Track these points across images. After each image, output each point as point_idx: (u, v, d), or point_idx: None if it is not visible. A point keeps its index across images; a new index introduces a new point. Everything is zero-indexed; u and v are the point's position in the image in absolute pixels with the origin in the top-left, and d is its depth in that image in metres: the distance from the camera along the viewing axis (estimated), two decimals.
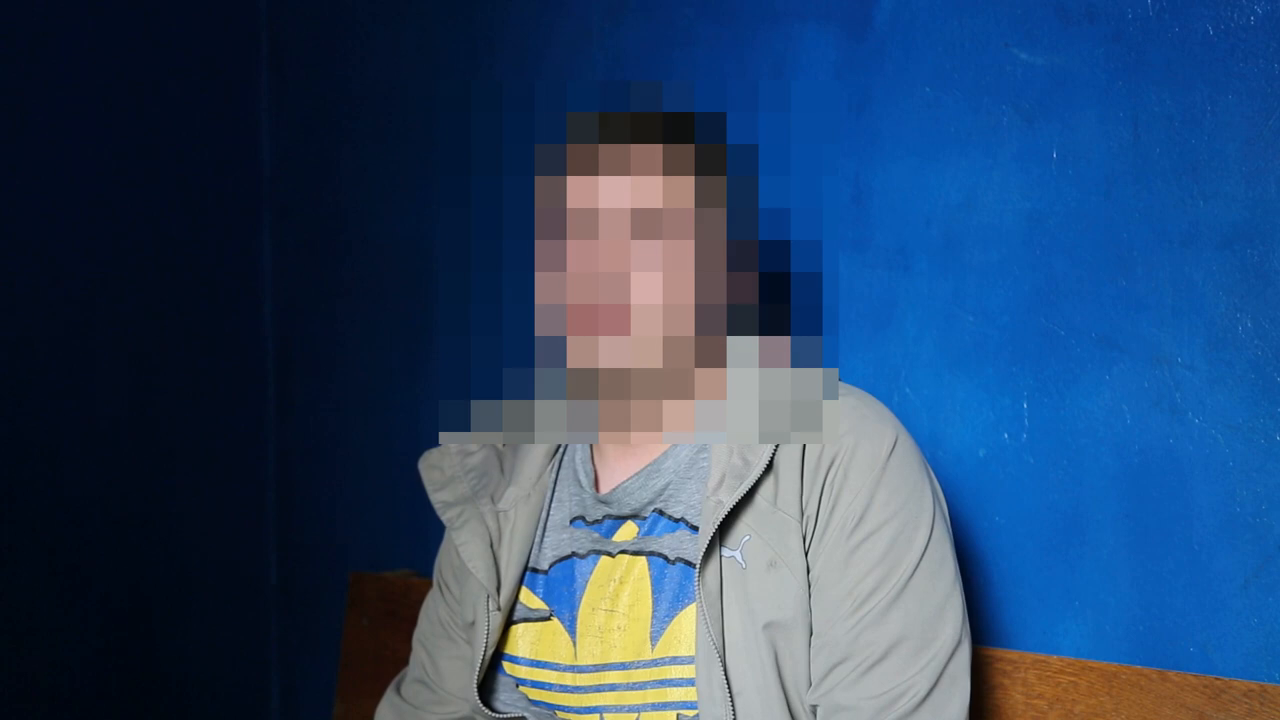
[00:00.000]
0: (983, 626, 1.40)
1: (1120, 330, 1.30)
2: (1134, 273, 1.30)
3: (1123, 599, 1.30)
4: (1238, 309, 1.22)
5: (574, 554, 1.29)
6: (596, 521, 1.29)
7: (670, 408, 1.24)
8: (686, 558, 1.21)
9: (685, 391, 1.23)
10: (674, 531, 1.23)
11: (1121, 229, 1.30)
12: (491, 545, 1.30)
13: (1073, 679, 1.28)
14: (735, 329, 1.24)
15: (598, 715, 1.23)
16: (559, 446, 1.36)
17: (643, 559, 1.24)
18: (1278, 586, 1.20)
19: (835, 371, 1.27)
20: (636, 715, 1.21)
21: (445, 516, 1.32)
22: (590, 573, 1.27)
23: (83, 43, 2.18)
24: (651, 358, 1.19)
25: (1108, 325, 1.31)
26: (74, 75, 2.17)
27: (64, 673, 2.15)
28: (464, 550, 1.29)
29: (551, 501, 1.33)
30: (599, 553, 1.27)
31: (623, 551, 1.25)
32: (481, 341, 1.33)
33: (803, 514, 1.19)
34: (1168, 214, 1.27)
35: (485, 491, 1.33)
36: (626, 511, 1.27)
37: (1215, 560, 1.24)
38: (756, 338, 1.26)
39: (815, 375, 1.24)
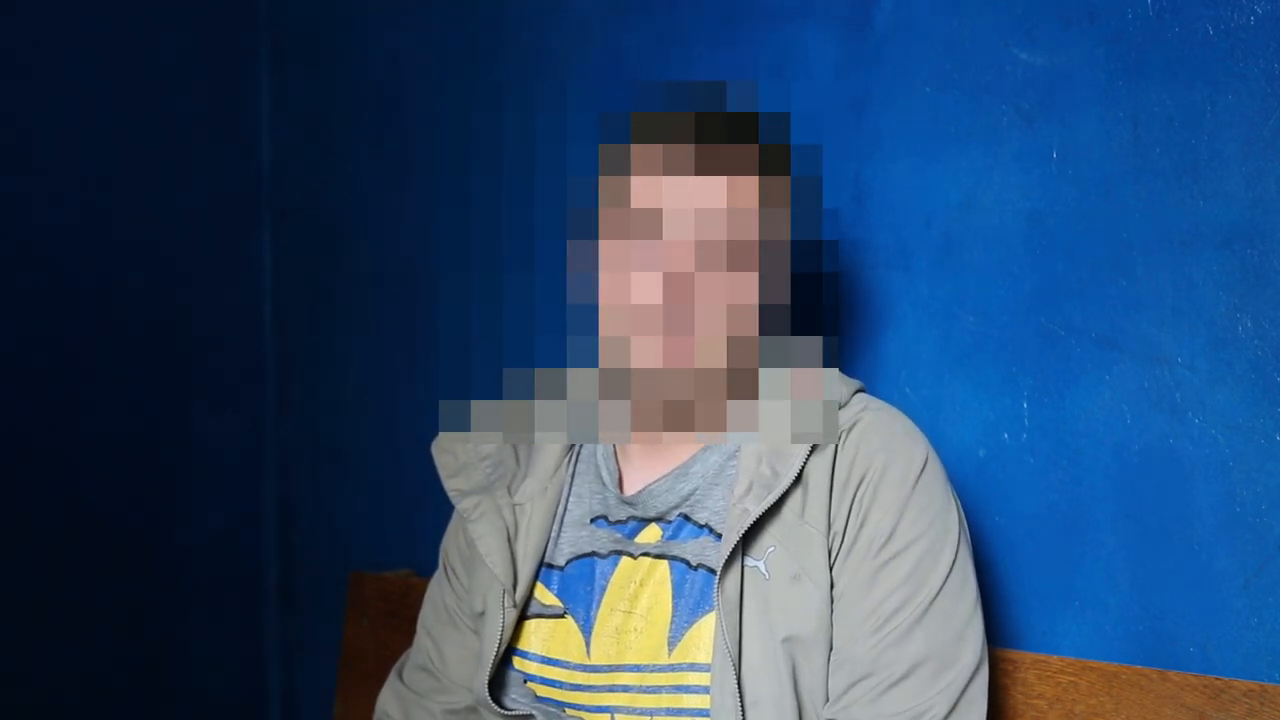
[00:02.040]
0: (984, 626, 1.40)
1: (1120, 330, 1.30)
2: (1134, 273, 1.30)
3: (1123, 599, 1.30)
4: (1238, 309, 1.22)
5: (594, 553, 1.28)
6: (620, 522, 1.28)
7: (721, 408, 1.24)
8: (709, 564, 1.21)
9: (749, 391, 1.24)
10: (698, 537, 1.23)
11: (1121, 229, 1.30)
12: (509, 539, 1.30)
13: (1073, 679, 1.28)
14: (767, 329, 1.24)
15: (608, 715, 1.23)
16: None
17: (664, 563, 1.23)
18: (1278, 586, 1.20)
19: (835, 371, 1.27)
20: (649, 718, 1.21)
21: (461, 506, 1.30)
22: (611, 573, 1.26)
23: (83, 43, 2.18)
24: (716, 358, 1.19)
25: (1108, 325, 1.31)
26: (74, 75, 2.17)
27: (64, 673, 2.15)
28: (481, 544, 1.28)
29: (569, 496, 1.33)
30: (621, 553, 1.26)
31: (645, 554, 1.25)
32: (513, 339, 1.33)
33: (830, 529, 1.18)
34: (1168, 214, 1.27)
35: (501, 482, 1.32)
36: (652, 514, 1.26)
37: (1215, 560, 1.24)
38: (788, 338, 1.26)
39: (834, 377, 1.24)
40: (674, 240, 1.19)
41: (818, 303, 1.29)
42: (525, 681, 1.28)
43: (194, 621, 2.31)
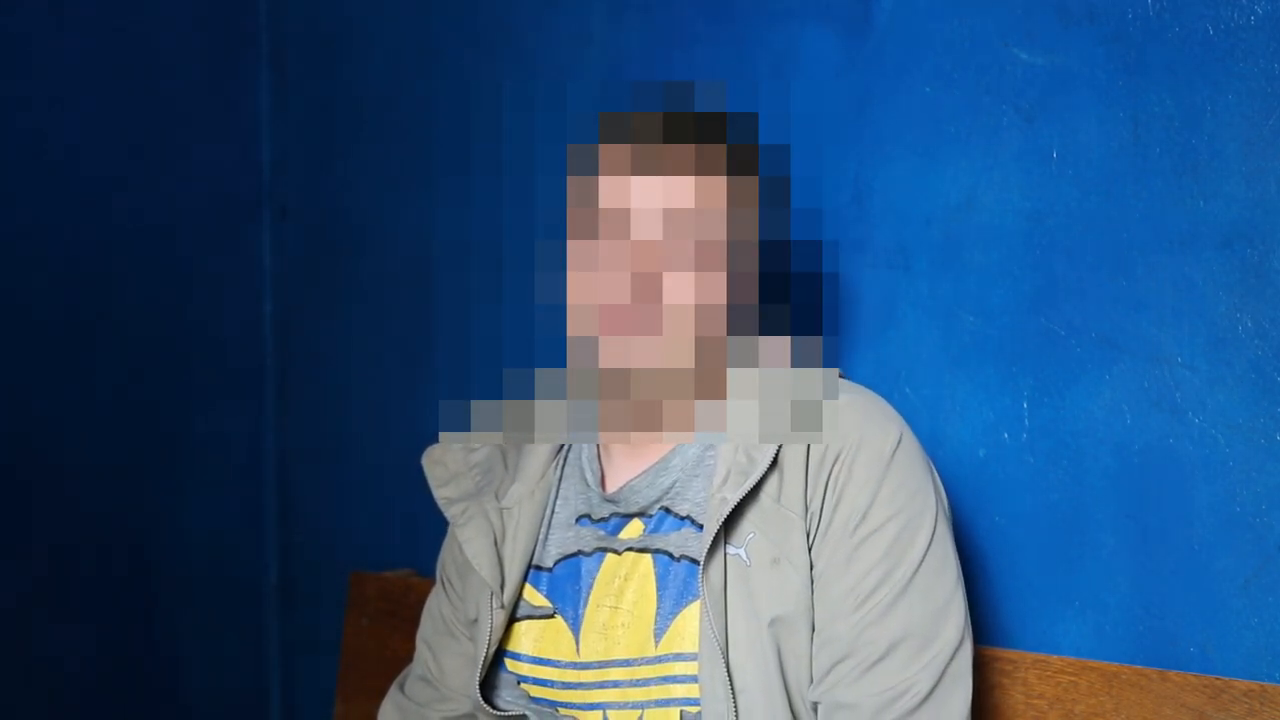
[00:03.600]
0: (983, 626, 1.40)
1: (1120, 330, 1.30)
2: (1134, 273, 1.30)
3: (1123, 599, 1.30)
4: (1238, 309, 1.22)
5: (579, 552, 1.28)
6: (602, 519, 1.28)
7: (689, 407, 1.24)
8: (691, 555, 1.21)
9: (716, 391, 1.24)
10: (680, 529, 1.23)
11: (1121, 229, 1.30)
12: (495, 543, 1.30)
13: (1073, 679, 1.28)
14: (735, 329, 1.24)
15: (600, 712, 1.23)
16: (563, 443, 1.36)
17: (648, 556, 1.24)
18: (1278, 586, 1.20)
19: (835, 371, 1.28)
20: (640, 712, 1.21)
21: (449, 513, 1.31)
22: (596, 570, 1.26)
23: (83, 43, 2.18)
24: (684, 358, 1.19)
25: (1108, 325, 1.31)
26: (74, 75, 2.17)
27: (64, 672, 2.15)
28: (468, 547, 1.29)
29: (556, 499, 1.33)
30: (605, 550, 1.27)
31: (629, 549, 1.25)
32: (483, 341, 1.33)
33: (806, 510, 1.19)
34: (1168, 214, 1.27)
35: (489, 488, 1.33)
36: (633, 510, 1.27)
37: (1215, 560, 1.24)
38: (759, 338, 1.26)
39: (816, 375, 1.24)
40: (641, 240, 1.20)
41: (812, 303, 1.29)
42: (519, 683, 1.29)
43: (194, 621, 2.31)
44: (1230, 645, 1.23)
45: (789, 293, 1.28)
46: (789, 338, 1.28)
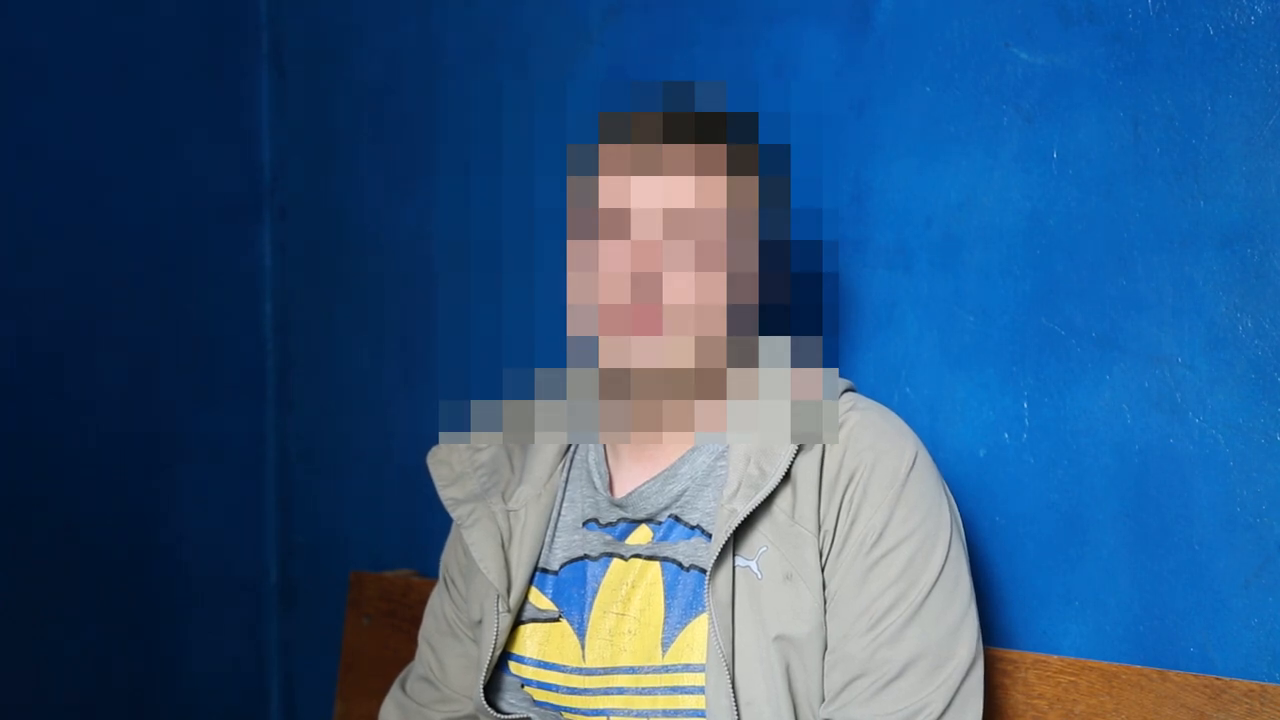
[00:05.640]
0: (983, 626, 1.40)
1: (1120, 330, 1.30)
2: (1134, 273, 1.30)
3: (1123, 599, 1.30)
4: (1238, 309, 1.22)
5: (586, 556, 1.28)
6: (610, 524, 1.28)
7: (689, 407, 1.24)
8: (701, 565, 1.21)
9: (716, 391, 1.23)
10: (690, 538, 1.23)
11: (1121, 229, 1.31)
12: (503, 545, 1.30)
13: (1073, 679, 1.28)
14: (735, 329, 1.24)
15: (605, 718, 1.23)
16: (570, 445, 1.36)
17: (656, 564, 1.23)
18: (1278, 586, 1.20)
19: (835, 371, 1.27)
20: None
21: (456, 514, 1.31)
22: (602, 575, 1.26)
23: (83, 43, 2.18)
24: (685, 358, 1.19)
25: (1108, 325, 1.31)
26: (74, 75, 2.17)
27: (64, 672, 2.15)
28: (475, 550, 1.29)
29: (563, 501, 1.33)
30: (612, 555, 1.26)
31: (636, 555, 1.25)
32: (482, 341, 1.33)
33: (820, 529, 1.18)
34: (1168, 214, 1.27)
35: (496, 489, 1.32)
36: (642, 515, 1.27)
37: (1215, 560, 1.24)
38: (759, 338, 1.26)
39: (817, 375, 1.24)
40: (641, 240, 1.19)
41: (812, 303, 1.29)
42: (522, 686, 1.28)
43: (194, 621, 2.31)
44: (1230, 645, 1.23)
45: (789, 293, 1.28)
46: (789, 338, 1.28)
